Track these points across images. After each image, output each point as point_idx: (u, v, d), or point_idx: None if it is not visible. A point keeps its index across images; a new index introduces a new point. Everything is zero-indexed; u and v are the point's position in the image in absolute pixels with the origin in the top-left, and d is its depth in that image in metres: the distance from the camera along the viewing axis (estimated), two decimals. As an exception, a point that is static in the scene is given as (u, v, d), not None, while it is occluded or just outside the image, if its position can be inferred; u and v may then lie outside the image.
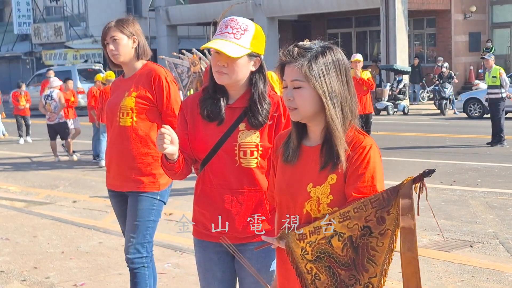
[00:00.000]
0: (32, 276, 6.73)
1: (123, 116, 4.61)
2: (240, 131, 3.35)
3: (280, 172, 2.85)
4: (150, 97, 4.61)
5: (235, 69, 3.29)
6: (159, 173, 4.63)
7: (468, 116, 22.98)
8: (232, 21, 3.31)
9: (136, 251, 4.70)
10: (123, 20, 4.70)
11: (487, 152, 14.66)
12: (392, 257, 2.55)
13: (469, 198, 9.87)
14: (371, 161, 2.65)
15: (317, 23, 35.40)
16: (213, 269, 3.51)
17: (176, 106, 4.63)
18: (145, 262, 4.74)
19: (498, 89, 15.58)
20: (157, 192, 4.69)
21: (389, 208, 2.51)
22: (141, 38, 4.72)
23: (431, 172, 2.48)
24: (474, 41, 32.00)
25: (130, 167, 4.65)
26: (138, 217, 4.66)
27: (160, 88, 4.61)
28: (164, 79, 4.62)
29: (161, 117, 4.68)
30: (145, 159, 4.64)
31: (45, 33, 41.09)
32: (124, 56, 4.66)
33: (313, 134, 2.76)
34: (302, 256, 2.62)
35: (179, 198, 10.59)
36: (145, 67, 4.71)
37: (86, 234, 8.40)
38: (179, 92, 4.77)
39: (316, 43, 2.72)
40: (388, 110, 25.63)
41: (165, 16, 36.50)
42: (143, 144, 4.64)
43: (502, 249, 7.23)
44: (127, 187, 4.70)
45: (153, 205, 4.69)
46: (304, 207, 2.70)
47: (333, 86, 2.65)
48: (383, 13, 28.71)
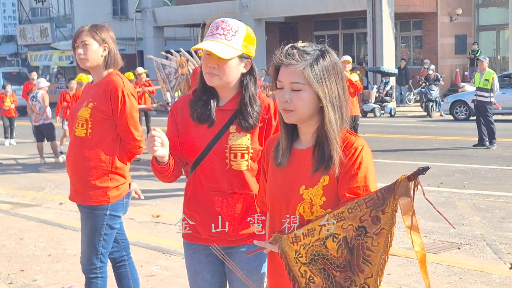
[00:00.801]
0: (19, 279, 6.69)
1: (79, 127, 4.56)
2: (230, 133, 3.34)
3: (271, 176, 2.84)
4: (105, 109, 4.53)
5: (226, 70, 3.27)
6: (108, 186, 4.58)
7: (455, 118, 23.08)
8: (223, 22, 3.29)
9: (89, 262, 4.74)
10: (98, 26, 4.64)
11: (473, 154, 14.72)
12: (388, 256, 2.55)
13: (456, 200, 9.91)
14: (364, 161, 2.65)
15: (304, 25, 35.45)
16: (203, 271, 3.50)
17: (131, 121, 4.57)
18: (99, 273, 4.77)
19: (488, 93, 15.59)
20: (106, 205, 4.60)
21: (384, 207, 2.51)
22: (112, 46, 4.63)
23: (425, 170, 2.47)
24: (460, 43, 32.14)
25: (80, 179, 4.60)
26: (88, 231, 4.66)
27: (115, 101, 4.52)
28: (121, 91, 4.53)
29: (116, 130, 4.60)
30: (96, 171, 4.56)
31: (31, 34, 40.94)
32: (91, 62, 4.58)
33: (304, 136, 2.76)
34: (296, 259, 2.61)
35: (166, 200, 10.57)
36: (106, 78, 4.61)
37: (73, 237, 8.35)
38: (136, 105, 4.67)
39: (311, 45, 2.71)
40: (375, 112, 25.68)
41: (151, 18, 36.42)
42: (95, 156, 4.55)
43: (489, 251, 7.25)
44: (77, 199, 4.69)
45: (103, 221, 4.62)
46: (297, 209, 2.69)
47: (333, 90, 2.65)
48: (370, 15, 28.78)
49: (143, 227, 8.81)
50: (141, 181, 12.64)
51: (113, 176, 4.59)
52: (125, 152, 4.66)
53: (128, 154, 4.69)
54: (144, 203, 10.41)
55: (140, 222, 9.10)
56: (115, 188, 4.60)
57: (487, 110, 15.59)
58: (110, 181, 4.58)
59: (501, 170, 12.53)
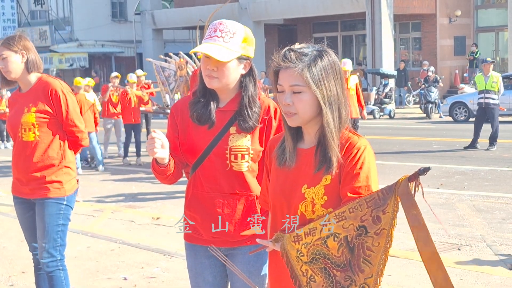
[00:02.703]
0: (20, 281, 6.70)
1: (26, 132, 4.81)
2: (231, 134, 3.34)
3: (274, 175, 2.85)
4: (49, 111, 4.80)
5: (225, 72, 3.27)
6: (64, 179, 4.88)
7: (454, 120, 23.09)
8: (221, 24, 3.29)
9: (49, 255, 4.89)
10: (10, 37, 4.85)
11: (473, 156, 14.72)
12: (388, 256, 2.55)
13: (456, 202, 9.91)
14: (366, 161, 2.66)
15: (303, 27, 35.47)
16: (204, 273, 3.50)
17: (75, 116, 4.88)
18: (60, 265, 4.94)
19: (496, 95, 15.53)
20: (63, 197, 4.88)
21: (385, 207, 2.51)
22: (30, 52, 4.83)
23: (426, 170, 2.48)
24: (459, 45, 32.17)
25: (36, 177, 4.84)
26: (46, 222, 4.85)
27: (57, 101, 4.80)
28: (61, 91, 4.81)
29: (62, 128, 4.87)
30: (50, 168, 4.83)
31: (30, 37, 40.63)
32: (15, 73, 4.79)
33: (308, 136, 2.77)
34: (297, 258, 2.62)
35: (167, 202, 10.57)
36: (40, 82, 4.87)
37: (73, 239, 8.35)
38: (76, 102, 4.98)
39: (309, 46, 2.72)
40: (374, 114, 25.70)
41: (150, 20, 36.44)
42: (47, 155, 4.82)
43: (489, 252, 7.26)
44: (34, 194, 4.88)
45: (60, 210, 4.88)
46: (299, 208, 2.70)
47: (332, 89, 2.66)
48: (369, 17, 28.81)
49: (144, 229, 8.81)
50: (141, 183, 12.65)
51: (66, 170, 4.90)
52: (72, 146, 4.96)
53: (76, 146, 5.00)
54: (144, 206, 10.43)
55: (141, 224, 9.10)
56: (69, 181, 4.91)
57: (495, 112, 15.55)
58: (65, 175, 4.88)
59: (501, 172, 12.53)
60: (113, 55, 40.71)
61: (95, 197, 11.40)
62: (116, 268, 7.07)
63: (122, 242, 8.11)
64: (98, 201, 11.04)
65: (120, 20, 41.85)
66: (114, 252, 7.70)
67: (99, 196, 11.45)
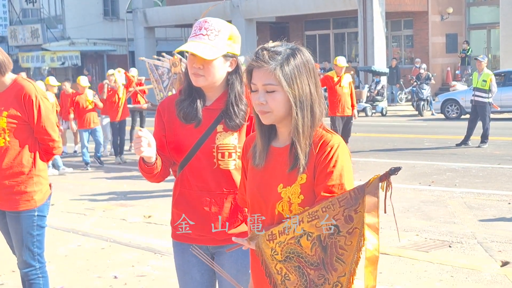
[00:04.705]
0: (11, 280, 6.68)
1: None
2: (218, 132, 3.33)
3: (250, 174, 2.85)
4: (20, 116, 4.58)
5: (211, 70, 3.27)
6: (34, 190, 4.69)
7: (446, 117, 23.13)
8: (206, 22, 3.29)
9: (28, 265, 4.81)
10: None
11: (465, 153, 14.74)
12: (361, 255, 2.55)
13: (447, 199, 9.92)
14: (339, 159, 2.65)
15: (295, 25, 35.47)
16: (192, 271, 3.50)
17: (48, 123, 4.65)
18: (40, 272, 4.85)
19: (485, 93, 15.59)
20: (34, 209, 4.71)
21: (357, 207, 2.51)
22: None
23: (397, 170, 2.47)
24: (451, 42, 32.22)
25: (4, 187, 4.65)
26: (21, 235, 4.73)
27: (30, 106, 4.58)
28: (34, 96, 4.58)
29: (34, 134, 4.68)
30: (19, 178, 4.65)
31: (22, 35, 40.77)
32: None
33: (282, 135, 2.76)
34: (272, 257, 2.63)
35: (158, 200, 10.56)
36: (15, 84, 4.64)
37: (64, 238, 8.35)
38: (51, 108, 4.77)
39: (282, 44, 2.71)
40: (366, 111, 25.71)
41: (142, 18, 36.38)
42: (17, 163, 4.64)
43: (480, 249, 7.27)
44: (4, 206, 4.74)
45: (33, 222, 4.73)
46: (276, 208, 2.70)
47: (305, 88, 2.65)
48: (361, 14, 28.83)
49: (135, 228, 8.80)
50: (132, 181, 12.63)
51: (37, 179, 4.71)
52: (44, 154, 4.77)
53: (47, 155, 4.81)
54: (135, 204, 10.41)
55: (132, 223, 9.09)
56: (40, 190, 4.72)
57: (485, 110, 15.60)
58: (35, 185, 4.70)
59: (492, 169, 12.55)
60: (105, 53, 40.61)
61: (86, 195, 11.38)
62: (107, 266, 7.06)
63: (113, 241, 8.10)
64: (90, 199, 11.02)
65: (112, 18, 41.76)
66: (105, 251, 7.69)
67: (90, 194, 11.43)
